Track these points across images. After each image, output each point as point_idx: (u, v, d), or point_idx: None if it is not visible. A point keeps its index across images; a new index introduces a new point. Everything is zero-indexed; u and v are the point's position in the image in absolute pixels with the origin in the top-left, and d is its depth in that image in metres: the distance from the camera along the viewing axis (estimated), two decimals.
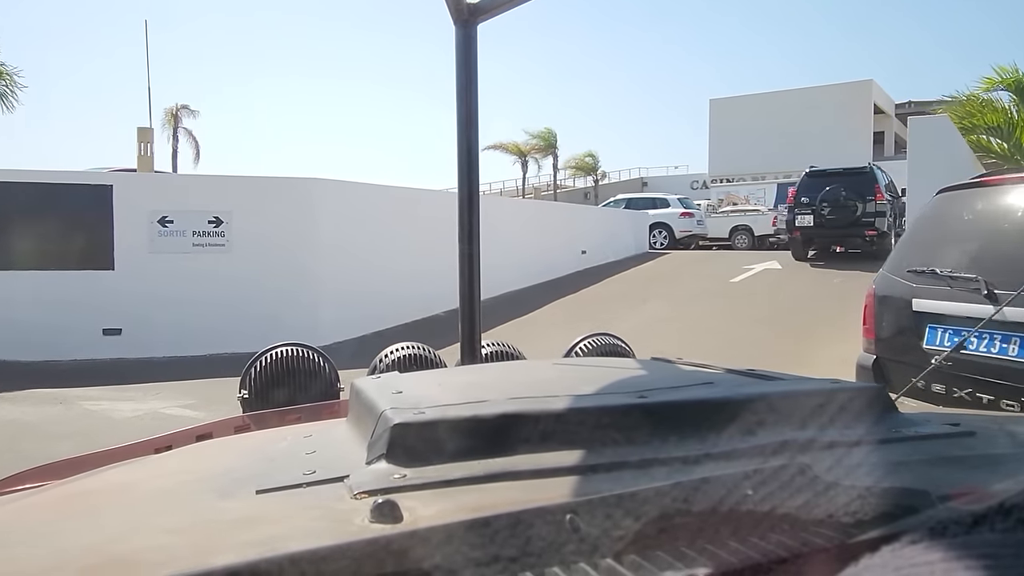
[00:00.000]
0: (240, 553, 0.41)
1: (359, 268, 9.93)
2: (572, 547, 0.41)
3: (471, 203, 1.75)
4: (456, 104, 1.74)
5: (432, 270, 11.82)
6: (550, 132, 33.23)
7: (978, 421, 0.75)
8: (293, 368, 1.58)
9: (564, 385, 0.81)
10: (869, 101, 31.20)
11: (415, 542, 0.41)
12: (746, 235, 20.66)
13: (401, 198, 10.97)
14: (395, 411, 0.63)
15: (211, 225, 9.03)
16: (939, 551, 0.25)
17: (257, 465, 0.68)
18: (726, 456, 0.58)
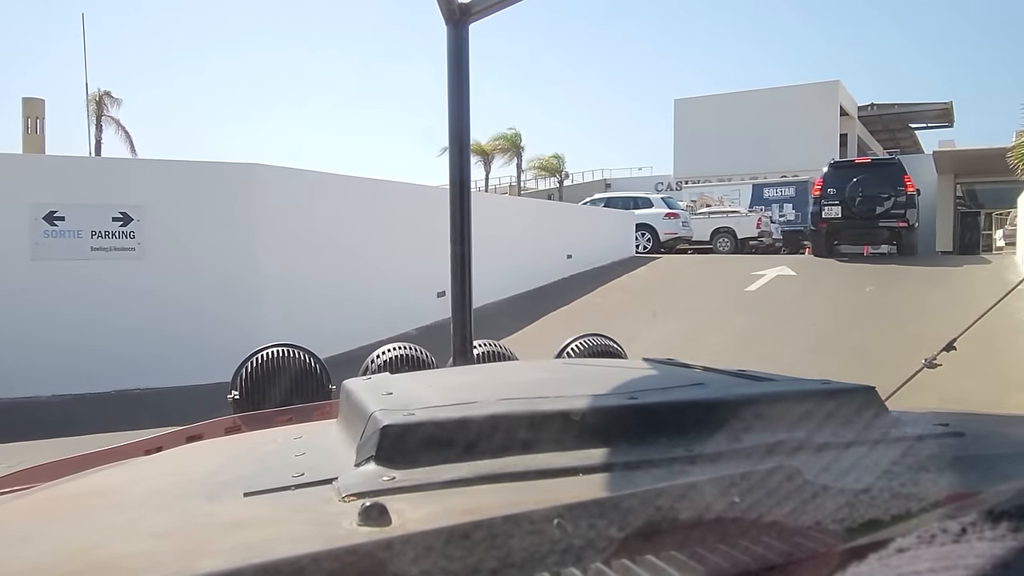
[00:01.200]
0: (225, 558, 0.40)
1: (312, 279, 7.83)
2: (560, 552, 0.40)
3: (463, 204, 1.76)
4: (447, 105, 1.74)
5: (406, 278, 9.82)
6: (515, 132, 31.44)
7: (967, 421, 0.73)
8: (284, 369, 1.54)
9: (555, 386, 0.79)
10: (836, 102, 30.29)
11: (402, 547, 0.39)
12: (728, 238, 19.11)
13: (364, 191, 8.87)
14: (385, 412, 0.62)
15: (117, 224, 6.84)
16: (927, 560, 0.24)
17: (246, 467, 0.66)
18: (717, 458, 0.57)
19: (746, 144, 29.22)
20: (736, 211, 20.36)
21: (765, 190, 24.20)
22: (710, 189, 25.26)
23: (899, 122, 36.05)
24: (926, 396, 2.25)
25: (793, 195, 23.80)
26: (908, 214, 12.95)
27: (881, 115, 34.88)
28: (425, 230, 9.78)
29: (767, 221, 20.18)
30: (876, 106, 34.43)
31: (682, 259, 15.18)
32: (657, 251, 16.59)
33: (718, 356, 6.73)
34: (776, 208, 23.17)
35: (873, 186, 12.83)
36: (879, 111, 34.57)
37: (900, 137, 38.07)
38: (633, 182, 31.94)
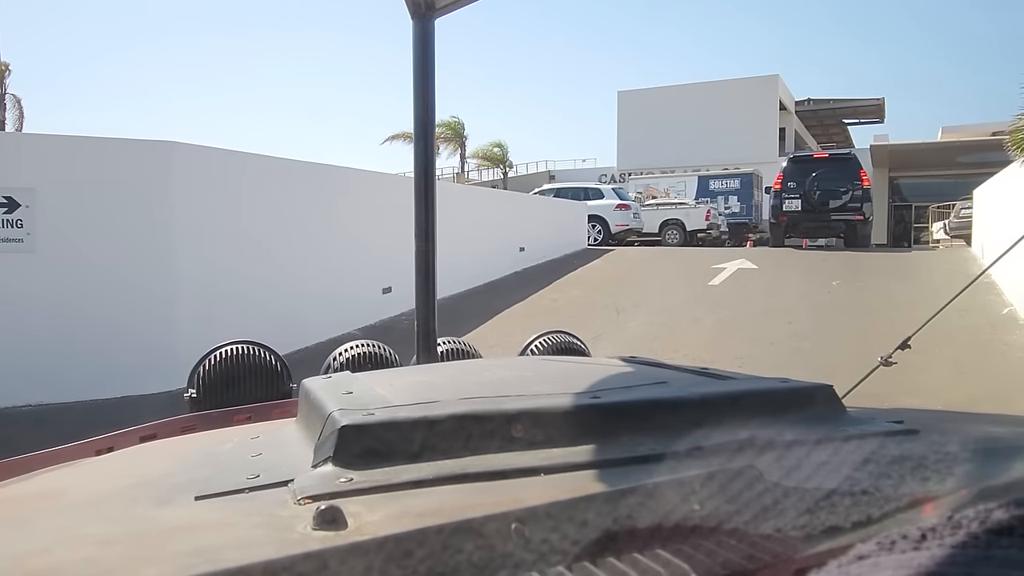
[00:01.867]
0: (170, 566, 0.39)
1: (238, 277, 6.82)
2: (519, 556, 0.39)
3: (427, 199, 1.73)
4: (413, 100, 1.71)
5: (348, 273, 8.86)
6: (457, 121, 30.45)
7: (921, 418, 0.74)
8: (243, 366, 1.50)
9: (518, 385, 0.77)
10: (775, 96, 30.49)
11: (357, 552, 0.38)
12: (677, 230, 18.71)
13: (303, 176, 7.88)
14: (343, 412, 0.61)
15: (0, 210, 5.71)
16: (888, 568, 0.24)
17: (200, 469, 0.64)
18: (678, 457, 0.57)
19: (688, 136, 29.13)
20: (685, 203, 20.00)
21: (711, 182, 23.96)
22: (656, 181, 24.92)
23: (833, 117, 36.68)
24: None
25: (738, 187, 23.63)
26: (864, 207, 13.41)
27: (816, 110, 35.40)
28: (371, 220, 8.85)
29: (716, 213, 19.87)
30: (812, 101, 34.90)
31: (637, 252, 14.61)
32: (607, 243, 16.00)
33: (695, 358, 6.10)
34: (721, 200, 22.94)
35: (831, 180, 13.24)
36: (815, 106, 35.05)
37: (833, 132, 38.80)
38: (577, 173, 31.45)
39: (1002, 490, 0.37)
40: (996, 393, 5.17)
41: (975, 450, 0.62)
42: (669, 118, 30.14)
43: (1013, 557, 0.23)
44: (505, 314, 8.70)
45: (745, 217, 23.09)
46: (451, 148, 30.93)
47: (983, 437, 0.72)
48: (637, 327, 7.71)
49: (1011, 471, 0.48)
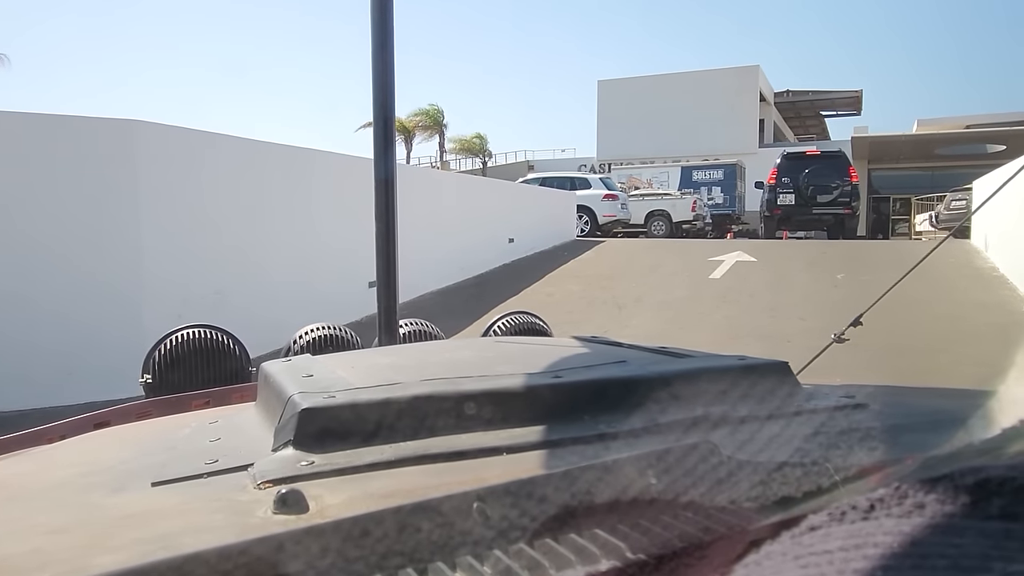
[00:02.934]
0: (127, 554, 0.38)
1: (211, 272, 6.17)
2: (481, 534, 0.39)
3: (388, 180, 1.70)
4: (372, 76, 1.66)
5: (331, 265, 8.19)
6: (436, 109, 29.70)
7: (871, 393, 0.75)
8: (200, 350, 1.46)
9: (480, 365, 0.78)
10: (756, 87, 30.21)
11: (318, 535, 0.37)
12: (663, 221, 18.28)
13: (280, 160, 7.22)
14: (304, 395, 0.60)
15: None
16: (838, 539, 0.24)
17: (156, 455, 0.63)
18: (638, 434, 0.58)
19: (669, 127, 28.74)
20: (670, 194, 19.57)
21: (694, 173, 23.58)
22: (638, 171, 24.49)
23: (811, 109, 36.58)
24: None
25: (721, 178, 23.29)
26: (853, 201, 14.43)
27: (795, 102, 35.23)
28: (355, 209, 8.22)
29: (702, 204, 19.47)
30: (791, 92, 34.71)
31: (628, 243, 14.12)
32: (594, 234, 15.49)
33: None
34: (704, 191, 22.56)
35: (823, 176, 14.20)
36: (794, 97, 34.87)
37: (810, 124, 38.74)
38: (556, 164, 30.91)
39: (946, 459, 0.36)
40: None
41: (921, 421, 0.66)
42: (649, 108, 29.72)
43: (956, 525, 0.23)
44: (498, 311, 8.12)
45: (728, 208, 22.76)
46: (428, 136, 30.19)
47: (929, 409, 0.74)
48: (641, 324, 7.20)
49: (955, 440, 0.47)
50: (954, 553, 0.22)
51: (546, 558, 0.37)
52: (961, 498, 0.25)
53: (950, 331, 6.47)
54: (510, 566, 0.37)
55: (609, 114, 31.59)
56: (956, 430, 0.56)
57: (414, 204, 9.12)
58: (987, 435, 0.39)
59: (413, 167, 9.96)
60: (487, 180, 12.94)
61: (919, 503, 0.25)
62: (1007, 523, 0.23)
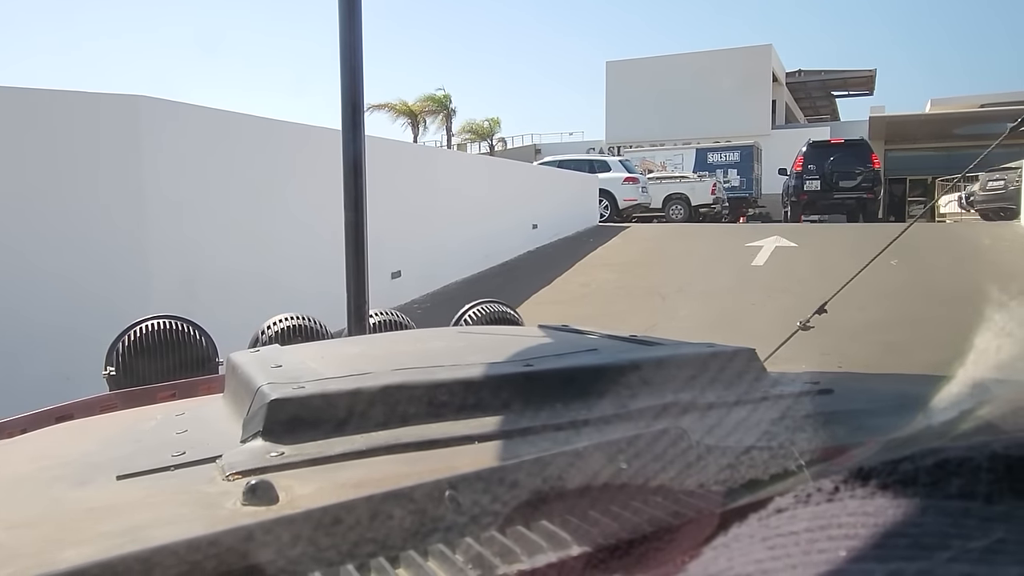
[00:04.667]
0: (93, 548, 0.37)
1: (220, 263, 5.60)
2: (452, 521, 0.39)
3: (356, 166, 1.66)
4: (339, 55, 1.59)
5: None
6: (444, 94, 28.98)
7: (835, 379, 0.76)
8: (166, 342, 1.43)
9: (450, 355, 0.78)
10: (768, 67, 29.38)
11: (289, 525, 0.37)
12: (682, 205, 17.65)
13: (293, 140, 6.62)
14: (273, 386, 0.59)
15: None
16: (804, 520, 0.25)
17: (121, 448, 0.62)
18: (608, 421, 0.58)
19: (679, 109, 27.97)
20: (687, 176, 18.91)
21: (709, 155, 22.88)
22: (652, 154, 23.79)
23: (822, 89, 35.72)
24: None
25: (738, 160, 22.59)
26: (875, 187, 15.57)
27: (806, 82, 34.37)
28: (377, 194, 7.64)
29: (721, 187, 18.81)
30: (803, 72, 33.85)
31: (654, 229, 13.50)
32: (614, 219, 14.87)
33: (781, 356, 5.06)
34: (720, 173, 21.88)
35: (847, 163, 15.18)
36: (805, 78, 34.02)
37: (820, 105, 37.89)
38: (563, 147, 30.17)
39: (907, 441, 0.37)
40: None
41: (883, 406, 0.67)
42: (659, 90, 28.94)
43: (917, 505, 0.24)
44: (532, 302, 7.55)
45: (745, 191, 22.09)
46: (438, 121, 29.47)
47: (891, 394, 0.76)
48: (691, 315, 6.62)
49: (915, 423, 0.46)
50: (915, 532, 0.22)
51: (517, 545, 0.37)
52: (922, 478, 0.26)
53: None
54: (481, 553, 0.36)
55: (618, 96, 30.81)
56: (916, 413, 0.51)
57: (439, 188, 8.52)
58: (945, 418, 0.40)
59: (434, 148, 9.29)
60: (511, 162, 12.30)
61: (881, 484, 0.26)
62: (965, 502, 0.24)
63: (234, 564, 0.34)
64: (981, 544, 0.21)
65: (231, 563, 0.34)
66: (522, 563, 0.35)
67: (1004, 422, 0.38)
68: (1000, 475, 0.25)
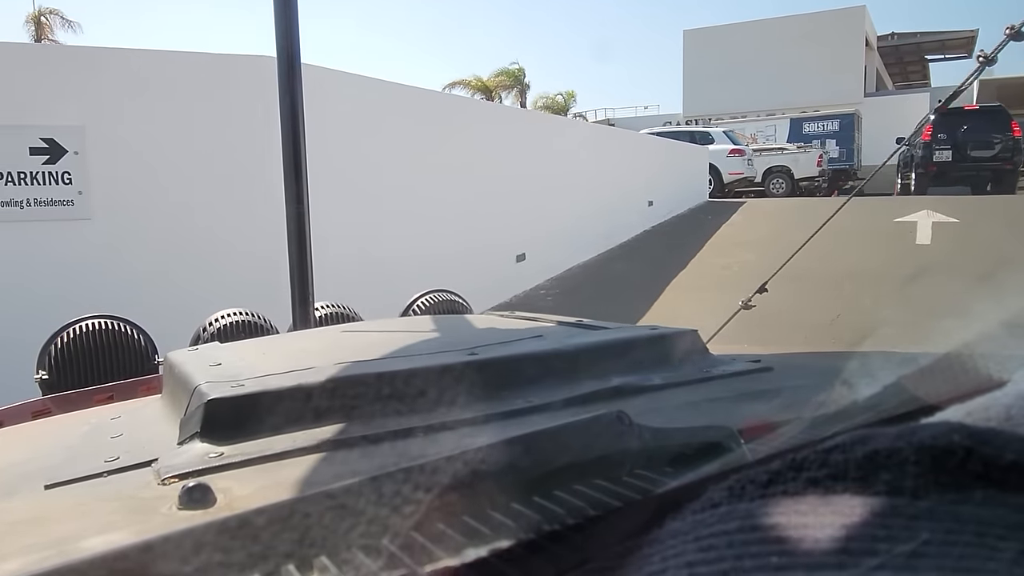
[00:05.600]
0: (18, 562, 0.35)
1: (368, 246, 4.96)
2: (394, 518, 0.38)
3: (297, 158, 1.61)
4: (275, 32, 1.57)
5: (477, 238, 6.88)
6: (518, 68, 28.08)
7: (775, 358, 0.77)
8: (101, 343, 1.37)
9: (396, 346, 0.76)
10: (861, 30, 27.34)
11: (227, 527, 0.35)
12: (784, 178, 16.38)
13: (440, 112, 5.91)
14: (211, 385, 0.58)
15: (38, 159, 3.89)
16: (736, 519, 0.25)
17: (52, 455, 0.59)
18: (553, 407, 0.58)
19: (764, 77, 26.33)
20: (786, 147, 17.57)
21: (804, 125, 21.34)
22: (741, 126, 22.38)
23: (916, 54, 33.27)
24: None
25: (837, 130, 20.99)
26: (1015, 156, 14.29)
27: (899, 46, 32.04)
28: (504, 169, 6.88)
29: (827, 159, 17.40)
30: (896, 35, 31.54)
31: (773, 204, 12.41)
32: (719, 194, 13.78)
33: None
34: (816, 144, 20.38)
35: (983, 131, 14.22)
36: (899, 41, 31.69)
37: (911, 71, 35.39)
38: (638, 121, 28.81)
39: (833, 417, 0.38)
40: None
41: (816, 382, 0.64)
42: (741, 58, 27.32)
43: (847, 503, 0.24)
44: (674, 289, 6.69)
45: (846, 163, 20.51)
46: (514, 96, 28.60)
47: (827, 371, 0.74)
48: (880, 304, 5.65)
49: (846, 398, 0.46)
50: (843, 536, 0.22)
51: (460, 534, 0.36)
52: (851, 472, 0.25)
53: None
54: (427, 546, 0.35)
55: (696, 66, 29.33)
56: (845, 389, 0.49)
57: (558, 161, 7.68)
58: (871, 392, 0.41)
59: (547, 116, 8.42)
60: (626, 133, 11.35)
61: (813, 478, 0.26)
62: (893, 498, 0.24)
63: (170, 571, 0.33)
64: (908, 548, 0.21)
65: (166, 571, 0.33)
66: (463, 553, 0.34)
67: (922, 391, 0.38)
68: (927, 468, 0.24)
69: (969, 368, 0.38)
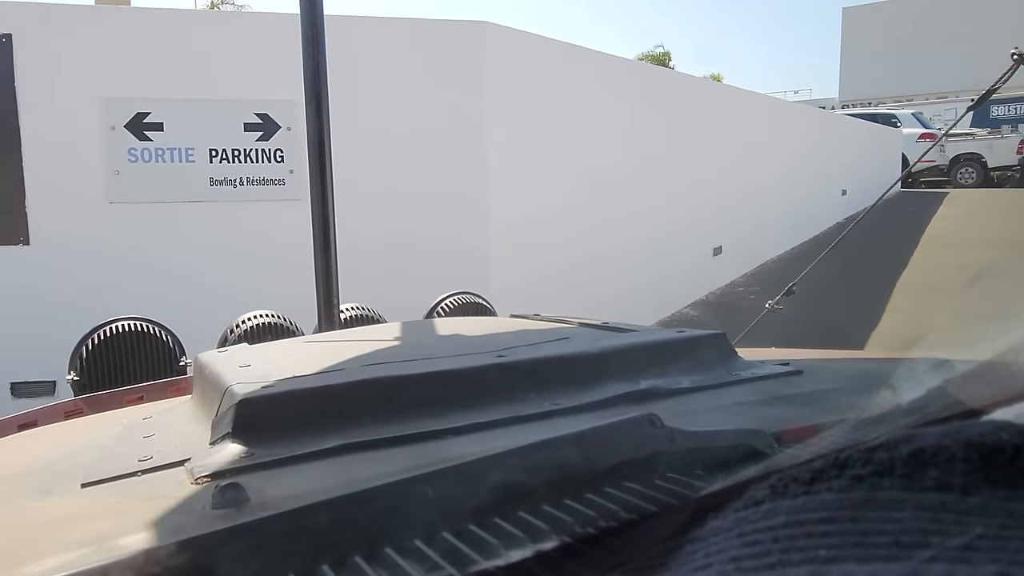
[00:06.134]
0: (56, 560, 0.35)
1: (561, 241, 4.49)
2: (427, 518, 0.38)
3: (322, 155, 1.59)
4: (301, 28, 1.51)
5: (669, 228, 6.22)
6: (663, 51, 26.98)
7: (805, 361, 0.75)
8: (130, 344, 1.40)
9: (422, 348, 0.77)
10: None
11: (261, 527, 0.35)
12: (974, 167, 14.48)
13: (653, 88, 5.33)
14: (241, 385, 0.59)
15: (252, 135, 3.64)
16: (781, 515, 0.25)
17: (86, 455, 0.59)
18: (581, 409, 0.57)
19: (934, 56, 23.73)
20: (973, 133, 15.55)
21: (992, 108, 18.92)
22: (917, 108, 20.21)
23: None
24: None
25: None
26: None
27: None
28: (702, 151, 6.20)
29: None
30: None
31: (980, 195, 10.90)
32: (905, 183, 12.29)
33: None
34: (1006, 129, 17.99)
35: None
36: None
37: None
38: None
39: (876, 420, 0.36)
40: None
41: (852, 385, 0.66)
42: (908, 36, 24.80)
43: (894, 499, 0.24)
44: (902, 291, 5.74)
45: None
46: None
47: (859, 374, 0.75)
48: None
49: (886, 402, 0.44)
50: (893, 529, 0.22)
51: (494, 536, 0.36)
52: (898, 469, 0.25)
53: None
54: (458, 547, 0.35)
55: (855, 47, 27.04)
56: (886, 392, 0.48)
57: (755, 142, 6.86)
58: (912, 396, 0.40)
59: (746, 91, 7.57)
60: (821, 112, 10.24)
61: (858, 475, 0.25)
62: (942, 494, 0.23)
63: (205, 570, 0.33)
64: (960, 542, 0.21)
65: (202, 568, 0.33)
66: (499, 556, 0.34)
67: (965, 396, 0.37)
68: (975, 465, 0.24)
69: (1015, 372, 0.35)
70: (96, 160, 3.51)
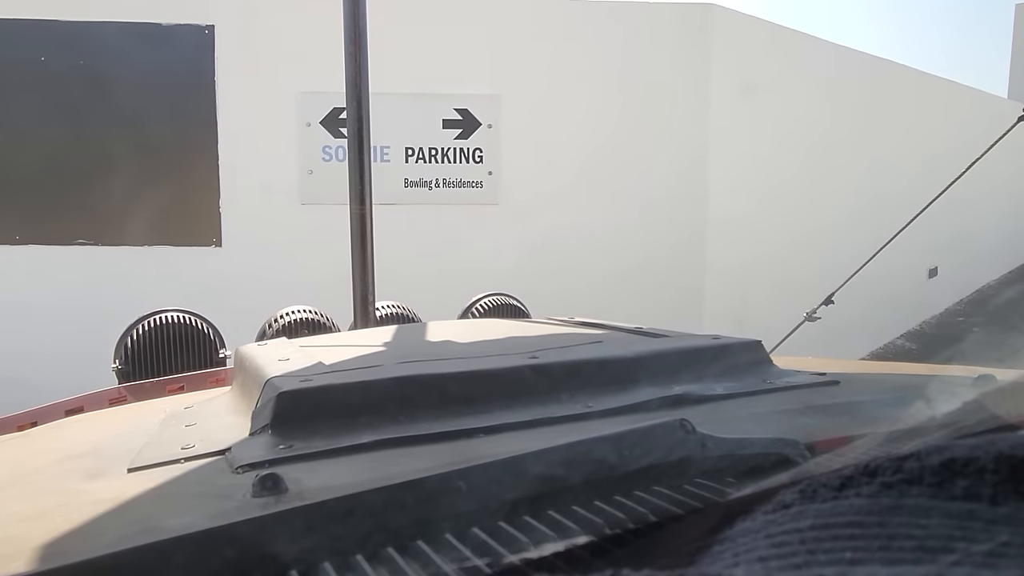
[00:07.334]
0: (105, 539, 0.36)
1: (774, 251, 3.88)
2: (460, 513, 0.38)
3: (362, 158, 1.59)
4: (343, 25, 1.54)
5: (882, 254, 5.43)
6: None
7: (841, 372, 0.74)
8: (173, 335, 1.42)
9: (457, 347, 0.77)
10: None
11: (298, 517, 0.36)
12: None
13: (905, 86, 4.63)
14: (281, 379, 0.60)
15: (450, 134, 3.30)
16: (809, 518, 0.25)
17: (130, 441, 0.60)
18: (614, 412, 0.57)
19: None
20: None
21: None
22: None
23: None
24: None
25: None
26: None
27: None
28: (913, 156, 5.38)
29: None
30: None
31: None
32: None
33: None
34: None
35: None
36: None
37: None
38: None
39: (910, 433, 0.36)
40: None
41: (888, 397, 0.64)
42: None
43: (922, 506, 0.24)
44: None
45: None
46: None
47: (897, 386, 0.73)
48: None
49: (921, 414, 0.45)
50: (920, 534, 0.22)
51: (524, 534, 0.37)
52: (927, 478, 0.25)
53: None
54: (489, 543, 0.36)
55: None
56: (921, 404, 0.49)
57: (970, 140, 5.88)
58: (948, 409, 0.39)
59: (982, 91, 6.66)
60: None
61: (887, 483, 0.25)
62: (971, 503, 0.23)
63: (245, 555, 0.34)
64: (985, 548, 0.21)
65: (242, 554, 0.34)
66: (529, 552, 0.34)
67: (1003, 410, 0.36)
68: (1005, 476, 0.24)
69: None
70: (291, 158, 3.28)
